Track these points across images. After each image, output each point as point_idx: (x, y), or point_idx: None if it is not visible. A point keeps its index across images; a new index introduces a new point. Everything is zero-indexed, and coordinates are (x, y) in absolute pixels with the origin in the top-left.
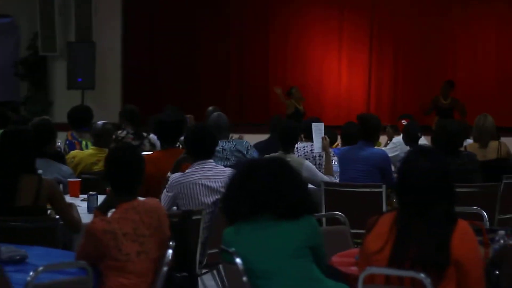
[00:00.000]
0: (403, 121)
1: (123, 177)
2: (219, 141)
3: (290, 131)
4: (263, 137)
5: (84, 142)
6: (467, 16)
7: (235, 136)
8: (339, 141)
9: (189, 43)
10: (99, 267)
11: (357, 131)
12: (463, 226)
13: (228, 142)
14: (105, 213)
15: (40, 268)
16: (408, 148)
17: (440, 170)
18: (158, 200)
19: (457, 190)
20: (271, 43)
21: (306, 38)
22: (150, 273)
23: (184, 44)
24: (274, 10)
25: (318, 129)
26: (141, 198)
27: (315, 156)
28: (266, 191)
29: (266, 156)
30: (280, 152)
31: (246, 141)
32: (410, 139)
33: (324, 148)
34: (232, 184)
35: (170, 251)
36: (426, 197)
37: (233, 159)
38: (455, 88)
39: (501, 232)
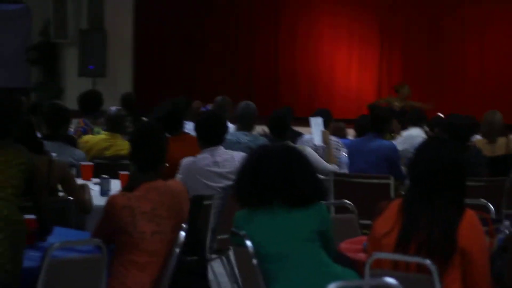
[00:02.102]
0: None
1: (147, 155)
2: (238, 132)
3: (280, 119)
4: None
5: (96, 129)
6: (477, 13)
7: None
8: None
9: (200, 33)
10: (113, 242)
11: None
12: (470, 215)
13: (245, 135)
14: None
15: (56, 244)
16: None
17: (452, 158)
18: (183, 183)
19: None
20: (281, 36)
21: (316, 32)
22: (163, 254)
23: (195, 33)
24: (284, 3)
25: (316, 123)
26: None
27: (318, 148)
28: (277, 179)
29: (277, 143)
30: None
31: (264, 139)
32: None
33: (324, 141)
34: (244, 170)
35: (183, 233)
36: (435, 184)
37: None
38: (464, 84)
39: (506, 223)
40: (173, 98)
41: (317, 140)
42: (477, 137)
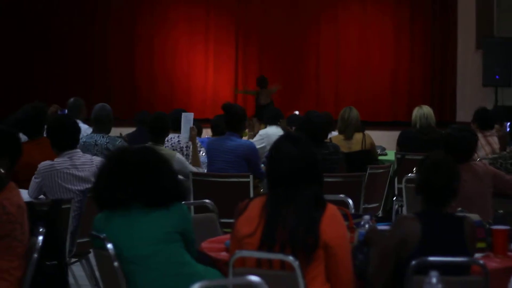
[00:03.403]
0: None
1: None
2: (94, 135)
3: (161, 122)
4: (130, 130)
5: None
6: (332, 10)
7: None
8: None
9: (55, 37)
10: None
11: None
12: (331, 210)
13: (102, 137)
14: None
15: None
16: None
17: (307, 155)
18: None
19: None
20: (138, 38)
21: (173, 32)
22: (25, 257)
23: (50, 38)
24: (141, 4)
25: (187, 119)
26: None
27: (183, 147)
28: (135, 181)
29: (137, 145)
30: (149, 143)
31: (121, 140)
32: None
33: (191, 139)
34: (102, 172)
35: (40, 238)
36: (295, 182)
37: (102, 157)
38: (319, 82)
39: (366, 217)
40: (31, 103)
41: (185, 137)
42: (334, 134)
